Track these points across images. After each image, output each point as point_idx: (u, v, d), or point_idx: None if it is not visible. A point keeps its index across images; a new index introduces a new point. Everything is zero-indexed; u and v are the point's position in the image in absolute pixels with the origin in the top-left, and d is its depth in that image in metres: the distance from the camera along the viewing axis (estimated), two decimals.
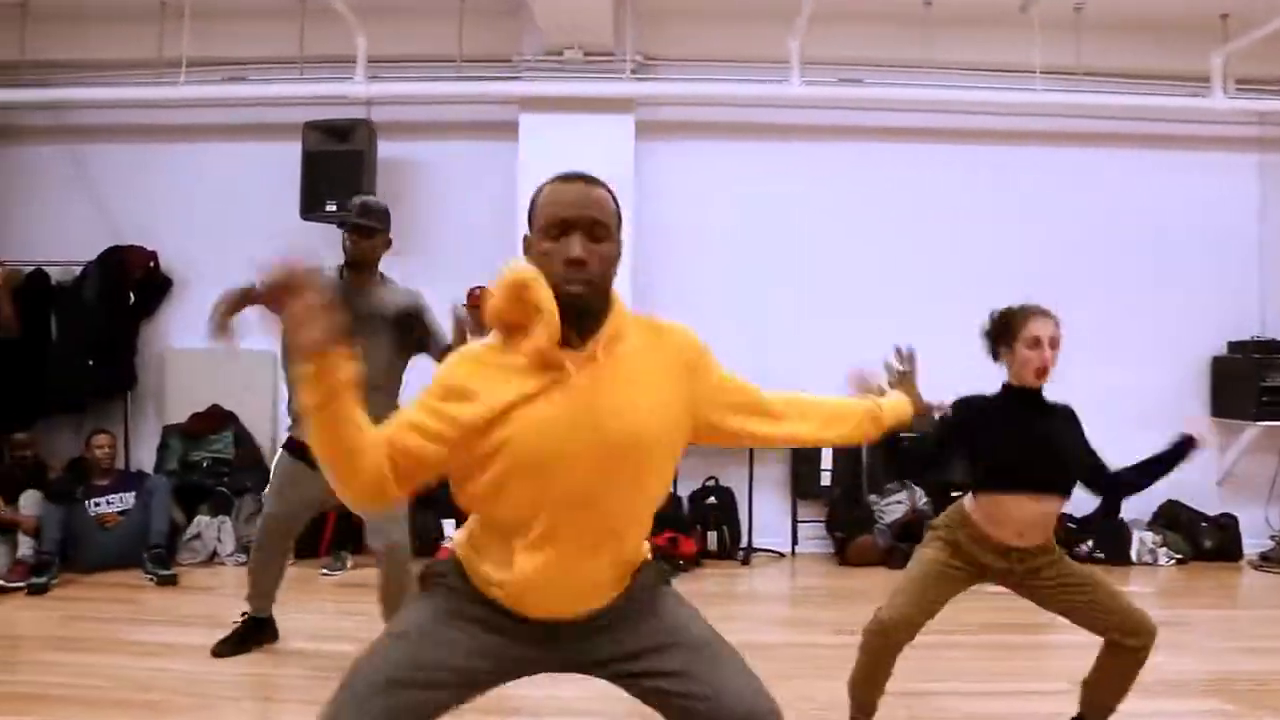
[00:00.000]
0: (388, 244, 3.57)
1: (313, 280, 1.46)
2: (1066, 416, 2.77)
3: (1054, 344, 2.67)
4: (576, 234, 1.59)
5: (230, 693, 3.32)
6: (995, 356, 2.78)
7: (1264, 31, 5.20)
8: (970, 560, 2.71)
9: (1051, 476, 2.66)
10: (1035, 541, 2.68)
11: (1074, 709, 2.82)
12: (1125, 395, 5.83)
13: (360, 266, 3.51)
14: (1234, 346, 5.91)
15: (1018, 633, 4.12)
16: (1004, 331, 2.72)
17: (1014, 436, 2.67)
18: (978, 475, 2.72)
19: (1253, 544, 5.76)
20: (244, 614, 3.76)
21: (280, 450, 3.61)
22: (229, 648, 3.67)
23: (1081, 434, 2.76)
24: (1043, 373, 2.66)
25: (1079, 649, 2.83)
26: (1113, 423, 5.56)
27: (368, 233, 3.47)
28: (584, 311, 1.61)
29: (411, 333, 3.47)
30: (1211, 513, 5.79)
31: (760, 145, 5.82)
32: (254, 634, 3.74)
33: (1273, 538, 5.78)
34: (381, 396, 3.34)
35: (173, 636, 3.94)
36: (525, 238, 1.69)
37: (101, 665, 3.55)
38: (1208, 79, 5.59)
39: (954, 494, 5.54)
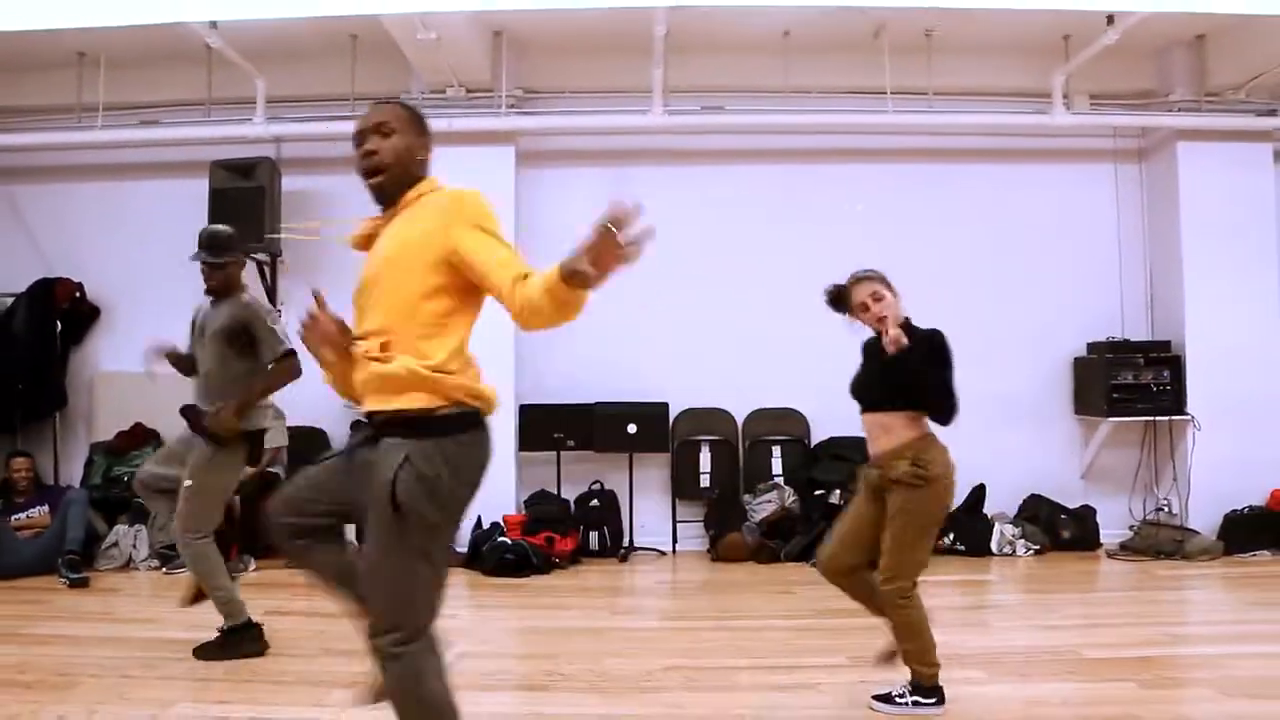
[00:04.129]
0: (240, 265, 4.01)
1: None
2: (918, 347, 3.11)
3: (877, 298, 3.15)
4: (367, 137, 2.19)
5: (94, 671, 3.73)
6: (841, 309, 3.28)
7: (1095, 49, 5.54)
8: (865, 482, 3.23)
9: (868, 395, 3.23)
10: (879, 447, 3.15)
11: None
12: (994, 396, 6.19)
13: (216, 292, 3.95)
14: (1092, 347, 6.24)
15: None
16: (839, 307, 3.26)
17: (861, 369, 3.32)
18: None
19: (1113, 534, 6.07)
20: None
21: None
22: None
23: (923, 359, 3.07)
24: (881, 323, 3.12)
25: None
26: (983, 421, 6.04)
27: (214, 265, 3.91)
28: (384, 192, 2.21)
29: (241, 341, 3.85)
30: (1073, 506, 6.11)
31: (632, 170, 6.24)
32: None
33: (1131, 528, 6.09)
34: (218, 397, 3.83)
35: (65, 629, 4.38)
36: None
37: (8, 655, 3.97)
38: (1051, 96, 5.94)
39: (817, 492, 5.94)
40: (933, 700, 3.15)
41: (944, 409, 3.05)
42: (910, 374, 3.06)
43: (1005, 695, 3.42)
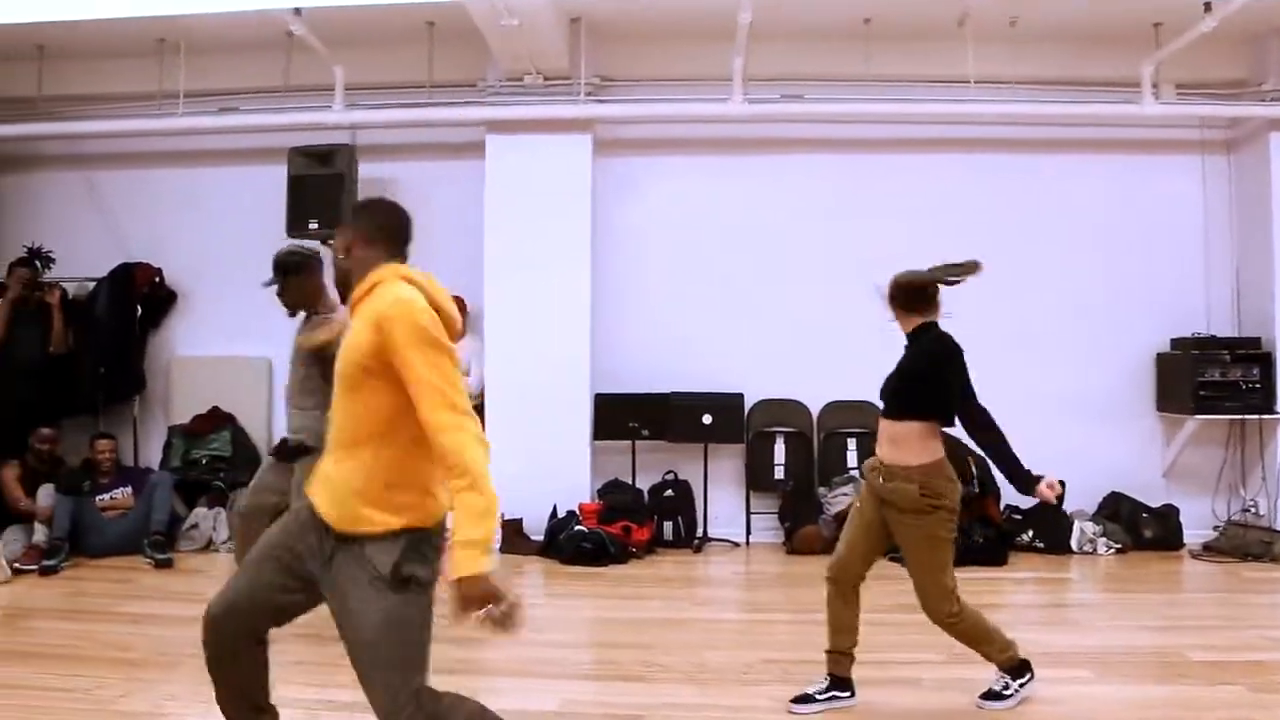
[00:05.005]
0: (310, 278, 3.89)
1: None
2: (928, 355, 3.14)
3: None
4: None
5: (192, 652, 3.74)
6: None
7: (1190, 37, 5.39)
8: (867, 482, 3.24)
9: (886, 401, 3.22)
10: (886, 457, 3.13)
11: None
12: (1074, 391, 6.09)
13: (294, 310, 3.95)
14: (1176, 343, 6.10)
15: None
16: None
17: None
18: None
19: (1196, 535, 5.94)
20: None
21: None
22: None
23: (926, 368, 3.11)
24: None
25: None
26: (1062, 416, 5.94)
27: (280, 288, 3.88)
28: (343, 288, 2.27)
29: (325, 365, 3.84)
30: (1155, 504, 5.99)
31: (711, 159, 6.19)
32: None
33: (1216, 528, 5.96)
34: (293, 418, 3.87)
35: (157, 609, 4.46)
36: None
37: (94, 631, 4.07)
38: (1140, 85, 5.80)
39: None
40: (1027, 677, 3.21)
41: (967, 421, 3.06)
42: (918, 381, 3.09)
43: (1114, 696, 3.37)
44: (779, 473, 6.13)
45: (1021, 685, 3.19)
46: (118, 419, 6.45)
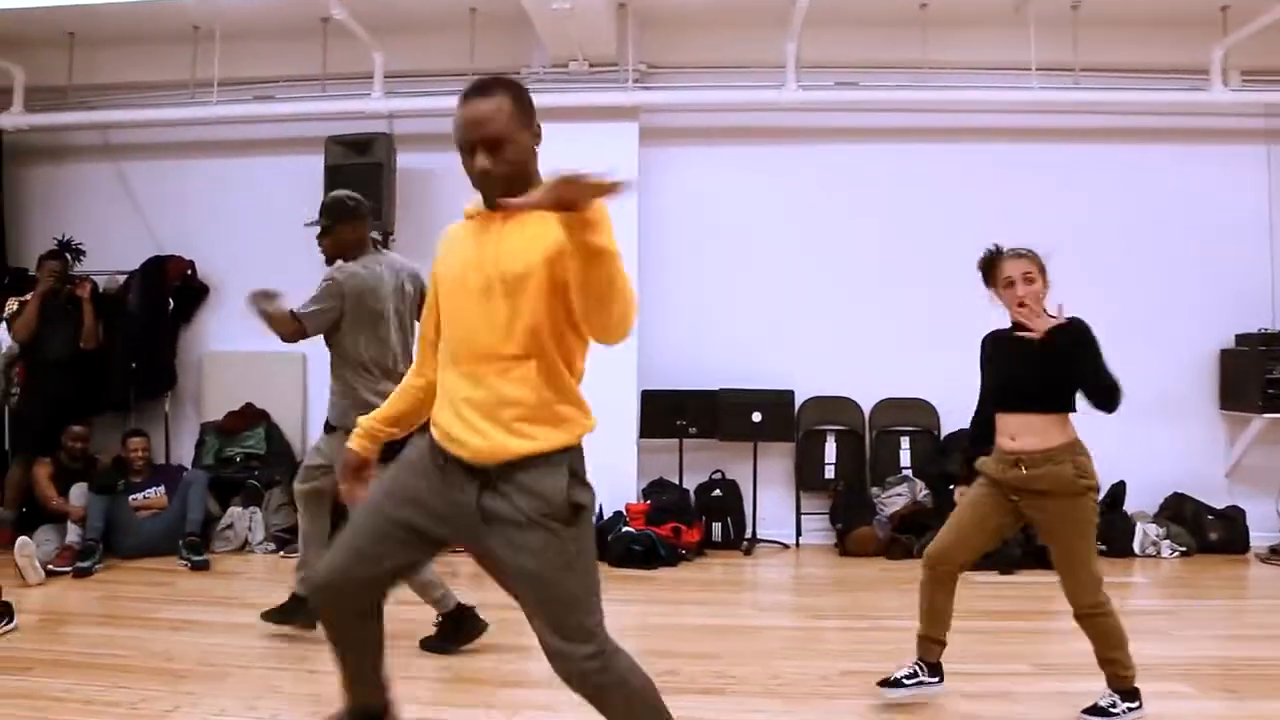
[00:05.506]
0: (356, 232, 3.77)
1: None
2: (1062, 339, 2.91)
3: (1028, 279, 2.95)
4: (478, 151, 1.91)
5: (241, 662, 3.62)
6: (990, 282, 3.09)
7: (1263, 22, 5.20)
8: (990, 476, 3.01)
9: (1017, 397, 2.99)
10: (1029, 446, 2.91)
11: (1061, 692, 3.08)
12: (1133, 388, 5.86)
13: (332, 258, 3.81)
14: (1241, 339, 5.90)
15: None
16: (986, 277, 3.08)
17: (1000, 363, 3.10)
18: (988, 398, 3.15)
19: (1262, 537, 5.74)
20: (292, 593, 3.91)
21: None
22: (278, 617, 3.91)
23: (1073, 352, 2.89)
24: (1021, 308, 2.93)
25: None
26: (1121, 414, 5.68)
27: (324, 230, 3.80)
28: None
29: None
30: (1218, 505, 5.79)
31: (761, 149, 6.00)
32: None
33: None
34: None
35: (199, 615, 4.28)
36: None
37: (135, 638, 3.90)
38: (1208, 72, 5.60)
39: (952, 487, 5.69)
40: (1137, 704, 2.99)
41: (1111, 398, 2.85)
42: (1065, 369, 2.87)
43: (1221, 714, 3.18)
44: (829, 472, 5.95)
45: (1130, 710, 2.98)
46: (149, 416, 6.29)
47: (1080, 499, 2.90)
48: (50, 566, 4.97)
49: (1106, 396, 2.85)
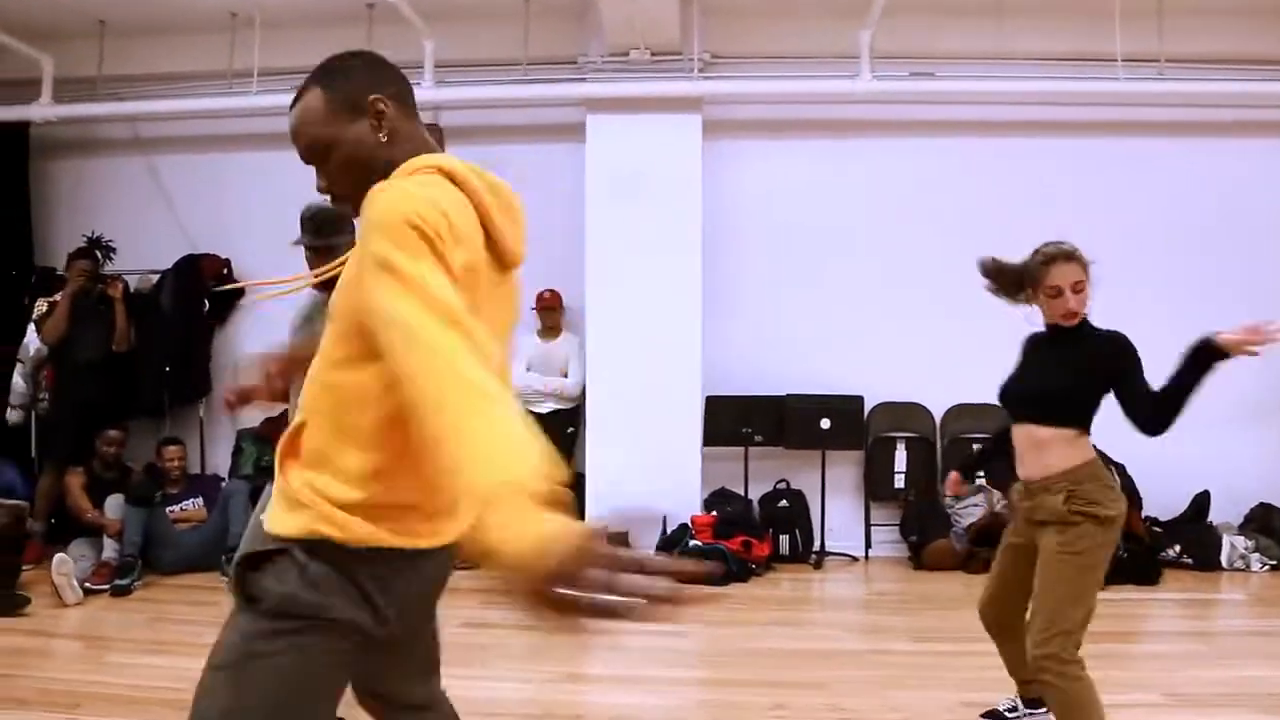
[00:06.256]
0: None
1: None
2: (1097, 347, 2.62)
3: (1077, 288, 2.62)
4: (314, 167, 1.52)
5: None
6: (1016, 298, 2.77)
7: None
8: (1020, 514, 2.70)
9: (1031, 404, 2.66)
10: (1032, 473, 2.62)
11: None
12: (1214, 394, 5.60)
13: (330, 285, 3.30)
14: None
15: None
16: (1030, 276, 2.71)
17: (1023, 368, 2.79)
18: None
19: None
20: None
21: None
22: None
23: (1112, 365, 2.57)
24: (1069, 316, 2.63)
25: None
26: (1203, 422, 5.34)
27: (326, 252, 2.95)
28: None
29: None
30: None
31: (828, 142, 5.73)
32: None
33: None
34: None
35: None
36: None
37: (187, 670, 3.59)
38: None
39: None
40: None
41: (1160, 420, 2.46)
42: (1091, 386, 2.57)
43: None
44: (899, 481, 5.68)
45: None
46: (182, 422, 6.00)
47: (1078, 528, 2.51)
48: (87, 584, 4.68)
49: (1161, 421, 2.46)
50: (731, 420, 5.58)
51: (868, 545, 5.70)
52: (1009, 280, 2.77)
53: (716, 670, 3.77)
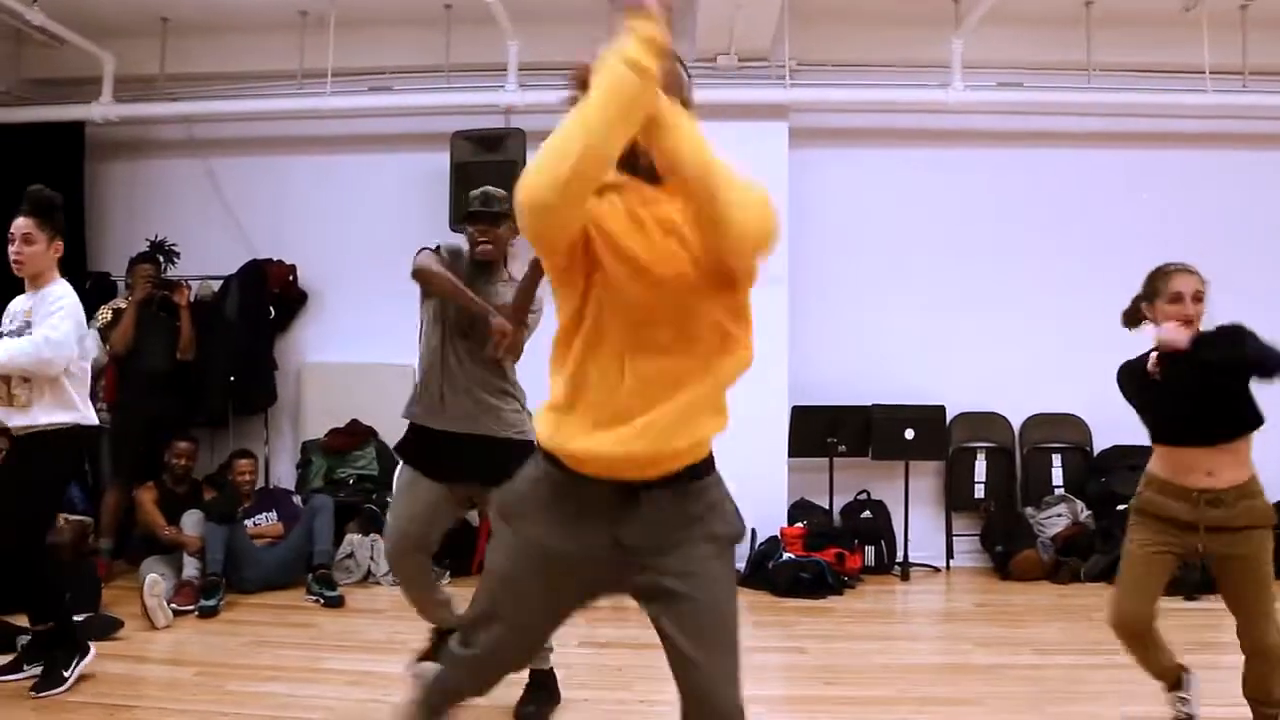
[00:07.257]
0: (514, 232, 3.15)
1: None
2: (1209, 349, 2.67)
3: (1197, 298, 2.72)
4: None
5: None
6: (1137, 320, 2.86)
7: None
8: (1161, 520, 2.76)
9: (1203, 428, 2.70)
10: (1219, 481, 2.69)
11: None
12: None
13: (490, 259, 3.17)
14: None
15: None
16: (1150, 291, 2.82)
17: (1166, 392, 2.75)
18: (1151, 431, 2.86)
19: None
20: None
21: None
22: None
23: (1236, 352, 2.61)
24: (1186, 324, 2.69)
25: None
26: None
27: (493, 219, 3.11)
28: None
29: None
30: None
31: (915, 152, 5.70)
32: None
33: None
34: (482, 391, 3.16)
35: (370, 664, 3.85)
36: None
37: (321, 698, 3.46)
38: None
39: (1120, 507, 5.44)
40: None
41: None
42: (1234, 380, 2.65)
43: None
44: (979, 491, 5.68)
45: None
46: (246, 432, 5.82)
47: (1267, 534, 2.70)
48: (173, 606, 4.51)
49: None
50: (818, 431, 5.53)
51: (949, 555, 5.69)
52: (1128, 314, 2.90)
53: (857, 689, 3.70)
